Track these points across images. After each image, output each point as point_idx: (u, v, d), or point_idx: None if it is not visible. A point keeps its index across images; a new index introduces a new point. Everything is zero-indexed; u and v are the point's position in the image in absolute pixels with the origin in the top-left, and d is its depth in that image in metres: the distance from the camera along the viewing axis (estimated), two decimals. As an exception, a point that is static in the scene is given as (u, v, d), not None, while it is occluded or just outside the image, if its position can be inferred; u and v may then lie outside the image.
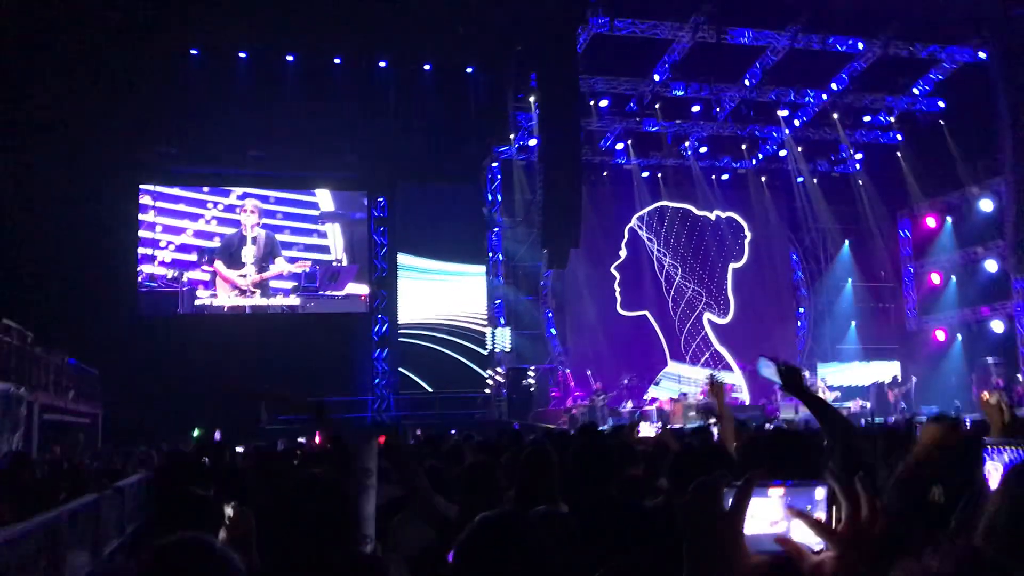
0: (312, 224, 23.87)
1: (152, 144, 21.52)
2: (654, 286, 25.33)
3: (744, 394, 24.36)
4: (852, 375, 25.31)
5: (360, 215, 24.28)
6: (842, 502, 1.26)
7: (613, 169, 25.40)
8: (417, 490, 4.04)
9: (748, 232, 26.27)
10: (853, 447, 3.44)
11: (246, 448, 10.89)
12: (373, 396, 23.20)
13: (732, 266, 26.07)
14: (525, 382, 22.47)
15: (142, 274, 22.29)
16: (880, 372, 24.93)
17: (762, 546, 1.27)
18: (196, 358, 20.29)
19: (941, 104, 24.61)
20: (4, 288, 17.15)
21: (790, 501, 1.28)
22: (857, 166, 26.55)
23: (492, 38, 21.08)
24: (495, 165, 24.37)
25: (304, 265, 23.56)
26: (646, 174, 25.58)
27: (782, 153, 26.06)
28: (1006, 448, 2.64)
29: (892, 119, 24.98)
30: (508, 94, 22.60)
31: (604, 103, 23.15)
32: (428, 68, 23.41)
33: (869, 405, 23.09)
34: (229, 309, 22.84)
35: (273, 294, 23.26)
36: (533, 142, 22.41)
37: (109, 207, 21.00)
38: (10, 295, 16.69)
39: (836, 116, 24.37)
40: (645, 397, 23.54)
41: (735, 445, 4.68)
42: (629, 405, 22.08)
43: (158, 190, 22.76)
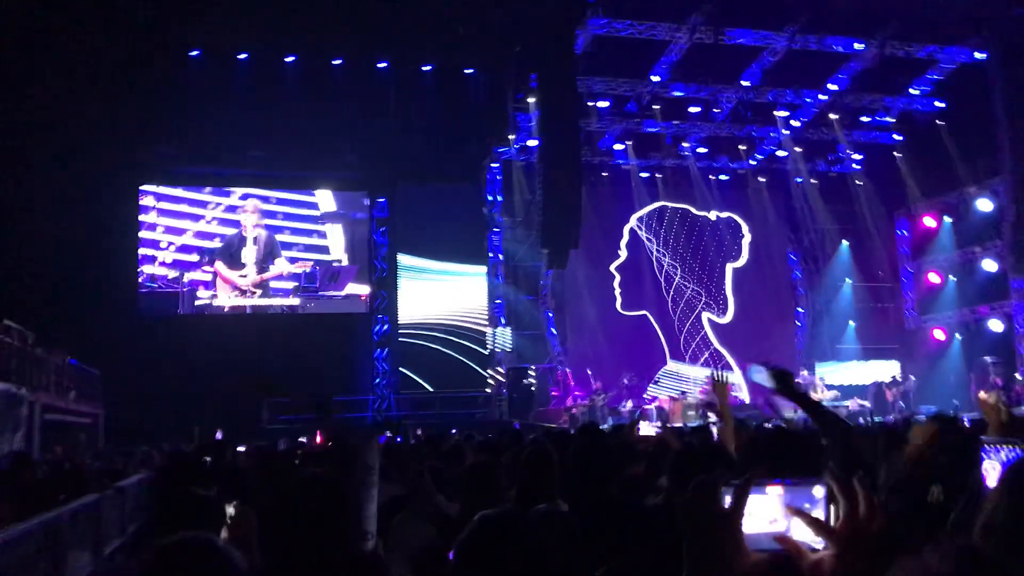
0: (312, 224, 23.87)
1: (153, 144, 21.49)
2: (653, 286, 25.35)
3: (744, 393, 24.37)
4: (851, 374, 25.32)
5: (360, 215, 24.27)
6: (841, 501, 1.27)
7: (612, 169, 25.42)
8: (419, 488, 4.05)
9: (747, 232, 26.29)
10: (851, 446, 3.46)
11: (247, 447, 10.89)
12: (374, 396, 23.20)
13: (731, 266, 26.08)
14: (525, 382, 22.47)
15: (143, 274, 22.28)
16: (879, 371, 24.93)
17: (762, 544, 1.29)
18: (197, 358, 20.32)
19: (939, 104, 24.61)
20: (5, 289, 17.15)
21: (789, 499, 1.30)
22: (855, 166, 26.56)
23: (492, 39, 21.10)
24: (495, 165, 24.38)
25: (304, 265, 23.56)
26: (645, 174, 25.60)
27: (781, 153, 26.07)
28: (1003, 447, 2.66)
29: (890, 119, 24.99)
30: (508, 95, 22.60)
31: (603, 104, 23.17)
32: (428, 69, 23.41)
33: (868, 404, 23.11)
34: (230, 309, 22.83)
35: (274, 294, 23.26)
36: (533, 142, 22.42)
37: (110, 207, 20.98)
38: (11, 296, 16.69)
39: (834, 116, 24.39)
40: (645, 396, 23.57)
41: (735, 444, 4.69)
42: (629, 404, 22.10)
43: (159, 191, 22.77)
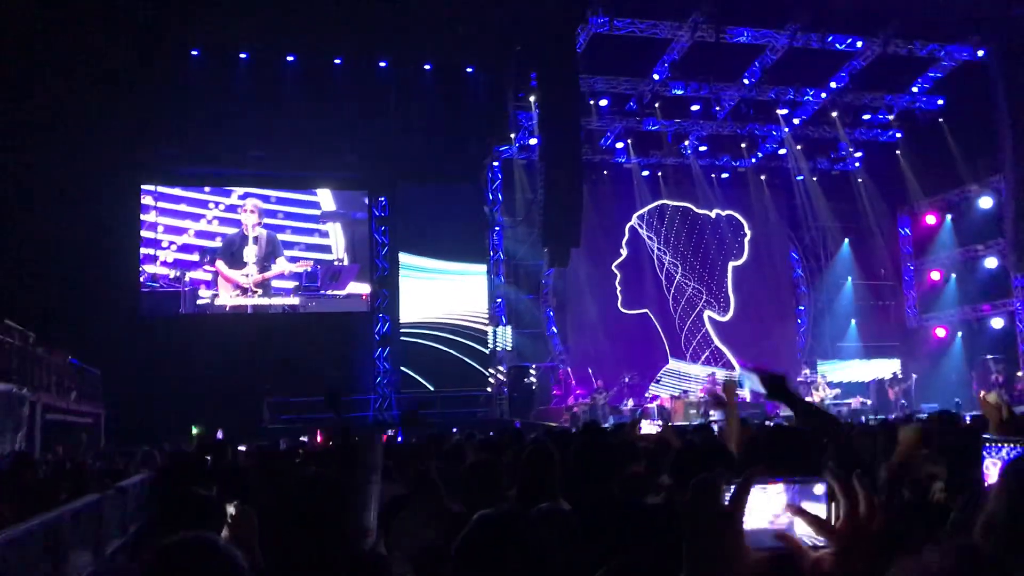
0: (313, 224, 23.86)
1: (153, 144, 21.49)
2: (655, 284, 25.34)
3: (745, 391, 24.35)
4: (852, 372, 25.33)
5: (361, 215, 24.27)
6: (841, 499, 1.27)
7: (613, 168, 25.40)
8: (426, 485, 4.06)
9: (748, 230, 26.27)
10: (850, 446, 3.45)
11: (248, 447, 10.90)
12: (375, 395, 23.20)
13: (732, 264, 26.07)
14: (526, 380, 22.48)
15: (144, 274, 22.28)
16: (880, 369, 24.94)
17: (763, 542, 1.28)
18: (198, 358, 20.33)
19: (941, 102, 24.61)
20: (6, 289, 17.16)
21: (789, 498, 1.29)
22: (857, 164, 26.55)
23: (492, 38, 21.08)
24: (496, 164, 24.37)
25: (305, 265, 23.55)
26: (646, 173, 25.59)
27: (782, 151, 26.05)
28: (1004, 445, 2.65)
29: (892, 117, 24.95)
30: (508, 93, 22.58)
31: (604, 102, 23.16)
32: (428, 68, 23.39)
33: (869, 402, 23.13)
34: (231, 309, 22.83)
35: (275, 294, 23.25)
36: (533, 141, 22.42)
37: (110, 207, 20.98)
38: (12, 296, 16.70)
39: (835, 114, 24.36)
40: (646, 395, 23.56)
41: (737, 443, 4.68)
42: (630, 403, 22.11)
43: (159, 190, 22.76)
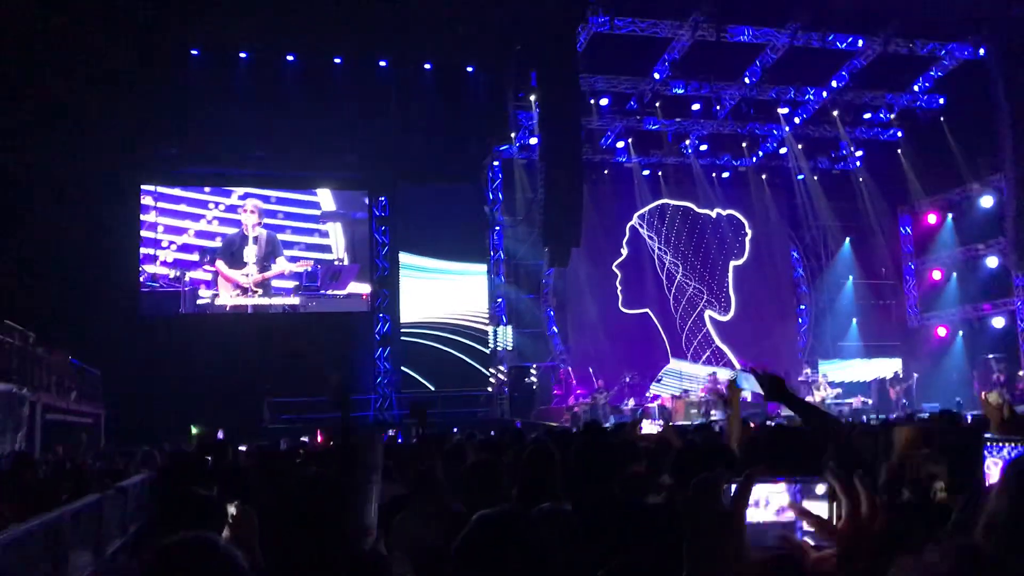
0: (313, 224, 23.85)
1: (153, 144, 21.48)
2: (655, 284, 25.34)
3: (745, 392, 24.36)
4: (853, 372, 25.32)
5: (361, 214, 24.26)
6: (843, 500, 1.27)
7: (614, 167, 25.39)
8: (429, 484, 4.05)
9: (749, 230, 26.27)
10: (850, 446, 3.45)
11: (248, 447, 10.89)
12: (375, 395, 23.20)
13: (733, 263, 26.07)
14: (527, 380, 22.48)
15: (144, 274, 22.27)
16: (881, 369, 24.94)
17: (766, 540, 1.28)
18: (198, 358, 20.34)
19: (941, 101, 24.61)
20: (6, 289, 17.14)
21: (791, 497, 1.29)
22: (857, 163, 26.54)
23: (492, 37, 21.07)
24: (496, 164, 24.37)
25: (306, 264, 23.54)
26: (647, 172, 25.58)
27: (782, 151, 26.04)
28: (1006, 444, 2.65)
29: (892, 116, 24.95)
30: (508, 93, 22.57)
31: (604, 102, 23.15)
32: (428, 67, 23.37)
33: (870, 402, 23.13)
34: (231, 309, 22.82)
35: (275, 294, 23.24)
36: (534, 141, 22.41)
37: (110, 207, 20.98)
38: (12, 296, 16.70)
39: (836, 113, 24.35)
40: (647, 394, 23.55)
41: (738, 442, 4.68)
42: (631, 403, 22.11)
43: (159, 190, 22.75)
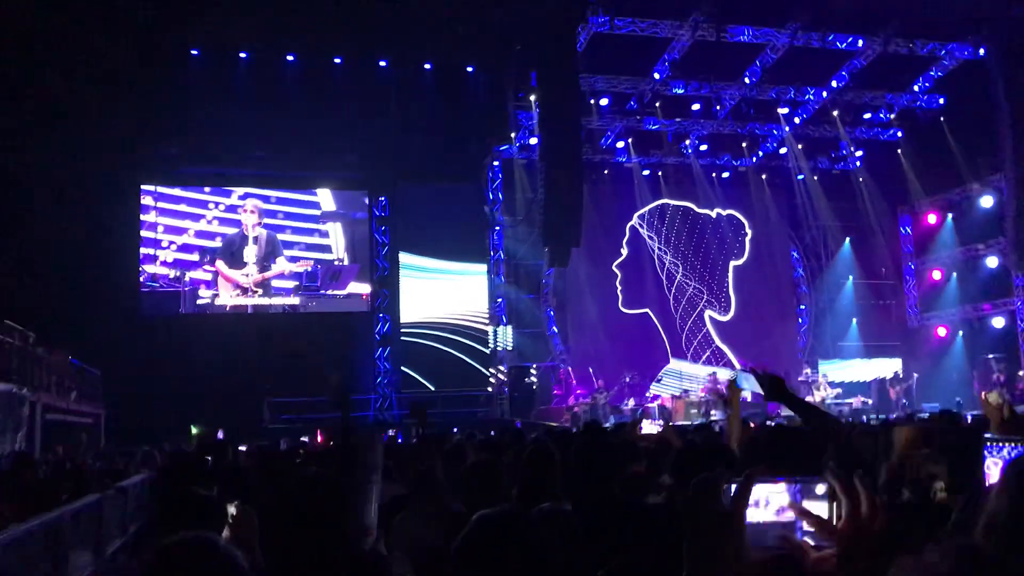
0: (313, 224, 23.85)
1: (153, 144, 21.48)
2: (655, 284, 25.34)
3: (746, 392, 24.34)
4: (853, 372, 25.32)
5: (361, 214, 24.26)
6: (843, 500, 1.27)
7: (614, 167, 25.39)
8: (430, 483, 4.05)
9: (749, 230, 26.27)
10: (850, 446, 3.44)
11: (248, 447, 10.89)
12: (375, 395, 23.20)
13: (733, 263, 26.07)
14: (527, 380, 22.48)
15: (144, 274, 22.27)
16: (881, 369, 24.94)
17: (766, 540, 1.28)
18: (198, 358, 20.33)
19: (941, 101, 24.60)
20: (6, 289, 17.14)
21: (791, 497, 1.29)
22: (857, 163, 26.53)
23: (492, 37, 21.06)
24: (496, 164, 24.37)
25: (306, 264, 23.54)
26: (647, 172, 25.58)
27: (782, 151, 26.04)
28: (1005, 444, 2.65)
29: (892, 116, 24.95)
30: (508, 93, 22.57)
31: (604, 102, 23.15)
32: (428, 67, 23.37)
33: (871, 402, 23.12)
34: (231, 309, 22.82)
35: (275, 294, 23.24)
36: (534, 141, 22.41)
37: (110, 207, 20.98)
38: (12, 296, 16.69)
39: (836, 113, 24.34)
40: (647, 394, 23.55)
41: (738, 442, 4.68)
42: (631, 403, 22.10)
43: (159, 190, 22.75)
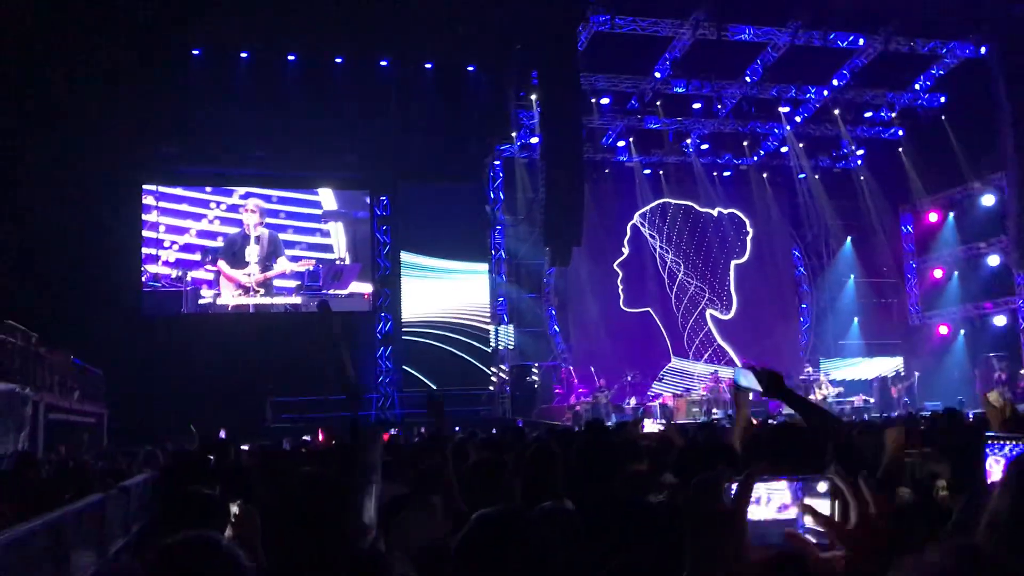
0: (315, 223, 23.85)
1: (154, 144, 21.49)
2: (657, 283, 25.34)
3: (744, 384, 24.29)
4: (855, 371, 25.32)
5: (363, 214, 24.26)
6: (852, 502, 1.26)
7: (615, 166, 25.39)
8: (437, 481, 4.07)
9: (750, 228, 26.26)
10: (851, 445, 3.44)
11: (251, 446, 10.90)
12: (377, 394, 23.19)
13: (734, 262, 26.07)
14: (528, 379, 22.47)
15: (146, 274, 22.29)
16: (883, 367, 24.94)
17: (767, 538, 1.28)
18: (200, 357, 20.34)
19: (942, 100, 24.57)
20: (8, 289, 17.17)
21: (793, 495, 1.29)
22: (859, 162, 26.52)
23: (493, 37, 21.06)
24: (497, 163, 24.37)
25: (307, 264, 23.55)
26: (648, 171, 25.57)
27: (783, 149, 26.03)
28: (1007, 443, 2.65)
29: (893, 115, 24.92)
30: (509, 92, 22.56)
31: (605, 101, 23.15)
32: (429, 67, 23.36)
33: (872, 400, 23.12)
34: (233, 308, 22.83)
35: (277, 293, 23.26)
36: (535, 140, 22.41)
37: (112, 207, 20.99)
38: (14, 296, 16.71)
39: (837, 112, 24.31)
40: (649, 393, 23.55)
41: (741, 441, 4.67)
42: (632, 401, 22.10)
43: (161, 190, 22.76)
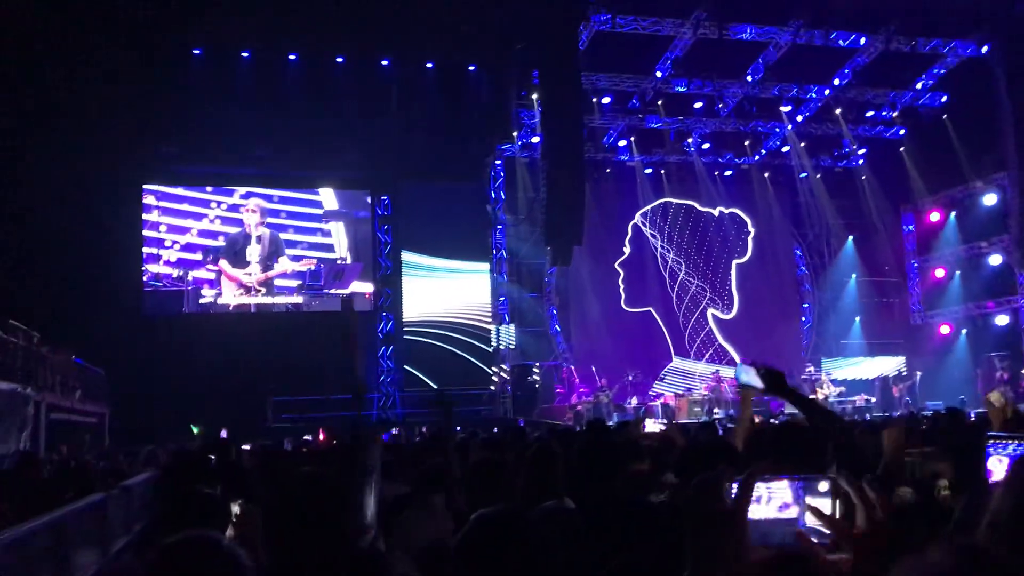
0: (316, 223, 23.86)
1: (155, 144, 21.51)
2: (658, 282, 25.33)
3: (744, 379, 24.27)
4: (857, 370, 25.30)
5: (364, 213, 24.27)
6: (858, 504, 1.26)
7: (616, 166, 25.38)
8: (443, 479, 4.07)
9: (751, 228, 26.25)
10: (851, 444, 3.43)
11: (252, 446, 10.89)
12: (378, 394, 23.19)
13: (736, 262, 26.06)
14: (530, 379, 22.46)
15: (147, 273, 22.31)
16: (885, 367, 24.92)
17: (769, 537, 1.28)
18: (201, 357, 20.35)
19: (944, 99, 24.56)
20: (9, 289, 17.18)
21: (794, 494, 1.29)
22: (860, 161, 26.50)
23: (494, 36, 21.07)
24: (498, 163, 24.37)
25: (309, 263, 23.56)
26: (649, 171, 25.56)
27: (785, 149, 26.02)
28: (1010, 442, 2.64)
29: (895, 114, 24.91)
30: (511, 92, 22.57)
31: (607, 100, 23.15)
32: (430, 66, 23.36)
33: (874, 400, 23.09)
34: (234, 308, 22.84)
35: (278, 292, 23.27)
36: (536, 139, 22.42)
37: (113, 207, 21.01)
38: (16, 296, 16.73)
39: (839, 111, 24.31)
40: (650, 393, 23.55)
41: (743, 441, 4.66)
42: (634, 401, 22.10)
43: (162, 190, 22.78)
